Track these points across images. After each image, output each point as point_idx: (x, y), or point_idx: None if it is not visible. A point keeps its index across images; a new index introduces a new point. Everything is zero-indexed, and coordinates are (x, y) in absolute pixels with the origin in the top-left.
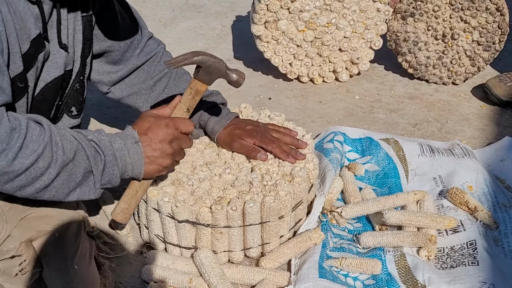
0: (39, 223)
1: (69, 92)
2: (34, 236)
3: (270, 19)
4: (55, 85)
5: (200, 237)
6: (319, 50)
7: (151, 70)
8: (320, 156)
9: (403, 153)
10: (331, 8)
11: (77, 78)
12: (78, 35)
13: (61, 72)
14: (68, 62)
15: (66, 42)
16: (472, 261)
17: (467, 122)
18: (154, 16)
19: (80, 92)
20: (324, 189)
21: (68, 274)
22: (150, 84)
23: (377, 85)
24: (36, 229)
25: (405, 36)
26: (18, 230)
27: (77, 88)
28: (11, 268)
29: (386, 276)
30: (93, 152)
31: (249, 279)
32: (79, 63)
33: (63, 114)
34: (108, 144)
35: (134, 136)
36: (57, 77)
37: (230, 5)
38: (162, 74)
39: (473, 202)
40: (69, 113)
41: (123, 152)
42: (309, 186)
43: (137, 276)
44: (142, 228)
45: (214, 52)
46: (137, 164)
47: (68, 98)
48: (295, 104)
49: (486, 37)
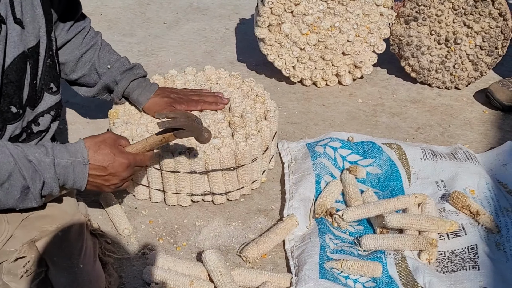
0: (42, 223)
1: (43, 69)
2: (37, 237)
3: (274, 22)
4: (18, 65)
5: None
6: (322, 53)
7: (78, 42)
8: (306, 157)
9: (406, 157)
10: (335, 11)
11: (47, 54)
12: (38, 9)
13: (19, 50)
14: (29, 38)
15: (20, 17)
16: (473, 265)
17: (469, 127)
18: (158, 19)
19: (53, 67)
20: (297, 190)
21: (74, 273)
22: (77, 56)
23: (380, 89)
24: (39, 229)
25: (408, 40)
26: (21, 230)
27: (50, 64)
28: (15, 268)
29: (387, 279)
30: (30, 172)
31: (251, 281)
32: (45, 39)
33: (43, 93)
34: (48, 167)
35: (83, 157)
36: (17, 56)
37: (234, 8)
38: (89, 46)
39: (475, 206)
40: (49, 91)
41: (68, 170)
42: None
43: (139, 277)
44: None
45: (217, 54)
46: (78, 181)
47: (44, 75)
48: (298, 107)
49: (489, 42)
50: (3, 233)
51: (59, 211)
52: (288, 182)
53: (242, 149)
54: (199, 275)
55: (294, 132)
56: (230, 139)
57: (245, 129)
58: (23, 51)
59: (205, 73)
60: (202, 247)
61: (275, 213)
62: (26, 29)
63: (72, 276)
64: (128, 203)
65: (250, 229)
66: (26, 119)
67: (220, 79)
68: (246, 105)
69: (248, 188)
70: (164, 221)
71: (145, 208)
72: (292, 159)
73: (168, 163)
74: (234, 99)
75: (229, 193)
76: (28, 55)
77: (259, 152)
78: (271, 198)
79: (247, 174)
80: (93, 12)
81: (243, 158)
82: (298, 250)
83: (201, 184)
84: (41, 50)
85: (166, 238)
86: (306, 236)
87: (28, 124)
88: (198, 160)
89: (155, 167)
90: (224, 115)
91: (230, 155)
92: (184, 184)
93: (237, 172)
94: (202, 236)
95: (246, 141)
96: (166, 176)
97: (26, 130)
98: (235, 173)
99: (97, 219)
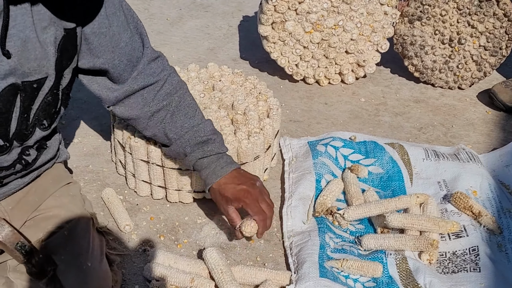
0: (47, 223)
1: (40, 105)
2: (43, 237)
3: (277, 20)
4: (6, 96)
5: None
6: (325, 52)
7: (149, 98)
8: (307, 155)
9: (408, 157)
10: (339, 10)
11: (50, 91)
12: (49, 47)
13: (7, 82)
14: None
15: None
16: (474, 267)
17: (472, 127)
18: (161, 15)
19: (52, 105)
20: (297, 188)
21: (82, 271)
22: (147, 113)
23: (383, 88)
24: (45, 229)
25: (412, 39)
26: (26, 231)
27: (49, 101)
28: (21, 267)
29: (387, 279)
30: None
31: (251, 277)
32: (54, 76)
33: (35, 128)
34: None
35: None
36: (4, 88)
37: (237, 5)
38: (161, 105)
39: (477, 207)
40: (41, 127)
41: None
42: None
43: (140, 273)
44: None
45: (220, 51)
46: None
47: (40, 111)
48: (300, 105)
49: (493, 42)
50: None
51: (66, 211)
52: (288, 181)
53: (244, 147)
54: (200, 273)
55: (296, 130)
56: (232, 136)
57: (248, 127)
58: (12, 83)
59: (208, 70)
60: (203, 245)
61: (276, 211)
62: (20, 62)
63: (80, 275)
64: (129, 200)
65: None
66: (14, 152)
67: (223, 76)
68: (249, 103)
69: None
70: (165, 218)
71: (146, 205)
72: (293, 156)
73: (171, 160)
74: (237, 96)
75: None
76: (20, 88)
77: (261, 150)
78: (273, 197)
79: (249, 171)
80: None
81: (246, 156)
82: (297, 247)
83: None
84: (44, 87)
85: (167, 235)
86: (306, 234)
87: (19, 155)
88: None
89: (157, 164)
90: (227, 112)
91: (233, 152)
92: (186, 181)
93: None
94: (203, 233)
95: (249, 139)
96: (168, 173)
97: (19, 161)
98: None
99: (98, 216)
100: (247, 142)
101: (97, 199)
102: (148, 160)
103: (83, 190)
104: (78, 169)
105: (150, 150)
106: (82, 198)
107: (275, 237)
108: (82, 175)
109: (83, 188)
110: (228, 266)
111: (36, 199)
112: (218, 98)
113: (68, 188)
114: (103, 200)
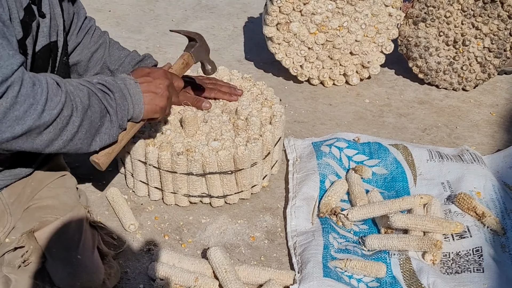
0: (41, 213)
1: (59, 65)
2: (36, 227)
3: (282, 21)
4: (44, 54)
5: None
6: (330, 53)
7: (87, 43)
8: (312, 156)
9: (412, 158)
10: (343, 11)
11: (63, 52)
12: (57, 8)
13: (47, 41)
14: (52, 32)
15: (46, 11)
16: (478, 268)
17: (476, 128)
18: (167, 16)
19: (68, 66)
20: (301, 189)
21: (71, 264)
22: (87, 55)
23: (387, 89)
24: (39, 219)
25: (416, 41)
26: (21, 221)
27: (65, 61)
28: (14, 259)
29: (391, 279)
30: (102, 94)
31: (255, 277)
32: (62, 37)
33: None
34: (113, 82)
35: (131, 78)
36: (44, 45)
37: (242, 6)
38: (98, 45)
39: (481, 208)
40: None
41: (124, 92)
42: None
43: (144, 272)
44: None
45: (225, 52)
46: (137, 103)
47: (60, 71)
48: (305, 106)
49: (497, 44)
50: (6, 225)
51: (59, 202)
52: (292, 181)
53: (241, 153)
54: (204, 272)
55: (300, 131)
56: (230, 142)
57: (248, 133)
58: (48, 43)
59: (218, 73)
60: (207, 244)
61: (280, 211)
62: (51, 23)
63: (70, 267)
64: (134, 199)
65: (255, 227)
66: None
67: (232, 80)
68: (252, 108)
69: (247, 193)
70: (169, 218)
71: (150, 204)
72: (298, 157)
73: (166, 162)
74: (242, 101)
75: (227, 196)
76: (51, 46)
77: (259, 157)
78: (277, 197)
79: (246, 178)
80: (102, 9)
81: (242, 162)
82: (301, 247)
83: (199, 186)
84: (59, 47)
85: (171, 235)
86: (309, 234)
87: None
88: (196, 162)
89: (154, 165)
90: (229, 117)
91: (228, 158)
92: (181, 185)
93: (236, 176)
94: (208, 233)
95: (246, 145)
96: (164, 175)
97: None
98: (234, 177)
99: (103, 215)
100: (244, 148)
101: (101, 199)
102: (146, 161)
103: (87, 189)
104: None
105: (147, 151)
106: (78, 192)
107: (279, 237)
108: (87, 174)
109: (88, 187)
110: (232, 266)
111: (32, 189)
112: (222, 102)
113: (63, 180)
114: (108, 200)
